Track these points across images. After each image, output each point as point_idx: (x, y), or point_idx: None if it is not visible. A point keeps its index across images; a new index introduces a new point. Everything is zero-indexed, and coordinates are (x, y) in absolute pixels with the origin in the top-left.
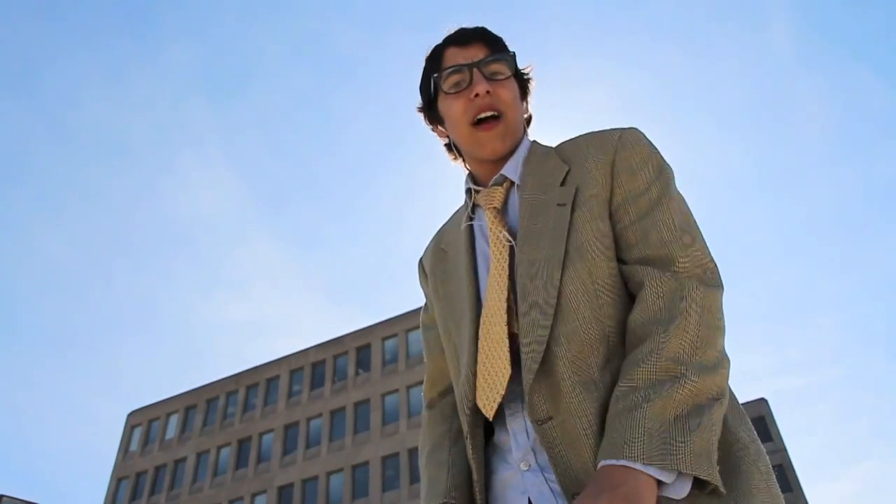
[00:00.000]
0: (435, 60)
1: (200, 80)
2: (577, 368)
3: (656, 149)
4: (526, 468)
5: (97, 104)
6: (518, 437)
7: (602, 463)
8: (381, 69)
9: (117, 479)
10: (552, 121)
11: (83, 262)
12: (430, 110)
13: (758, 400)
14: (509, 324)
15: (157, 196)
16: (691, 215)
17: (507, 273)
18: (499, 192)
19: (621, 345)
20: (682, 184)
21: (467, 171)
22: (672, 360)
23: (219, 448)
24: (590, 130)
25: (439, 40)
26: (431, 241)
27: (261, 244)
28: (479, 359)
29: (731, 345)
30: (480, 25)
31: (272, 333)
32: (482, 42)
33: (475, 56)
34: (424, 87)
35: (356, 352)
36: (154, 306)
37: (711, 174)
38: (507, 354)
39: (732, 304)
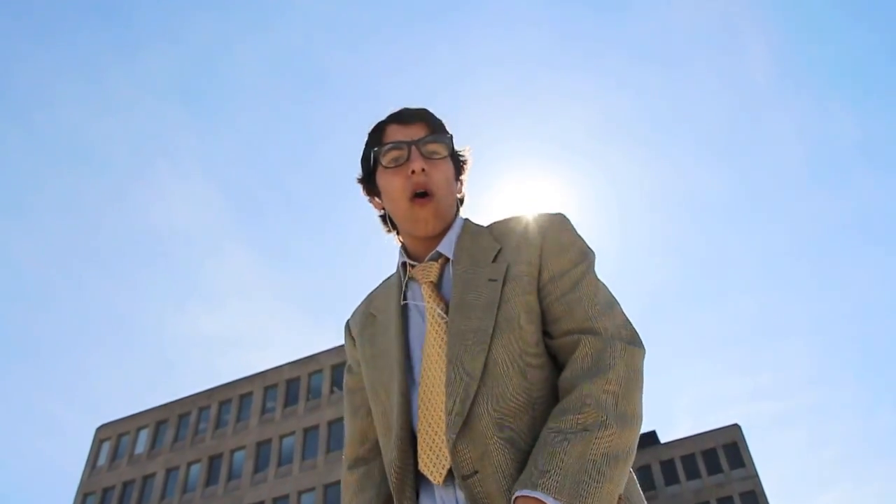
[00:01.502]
0: (376, 135)
1: (178, 88)
2: (501, 428)
3: (580, 235)
4: None
5: (69, 105)
6: (446, 501)
7: (517, 493)
8: (359, 83)
9: (83, 495)
10: (531, 135)
11: (51, 270)
12: (369, 182)
13: (731, 426)
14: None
15: (129, 204)
16: (611, 293)
17: (445, 347)
18: (434, 268)
19: (547, 411)
20: (656, 206)
21: (400, 244)
22: (595, 408)
23: (189, 464)
24: (521, 213)
25: (382, 117)
26: (361, 305)
27: (235, 256)
28: (419, 427)
29: (704, 369)
30: (423, 107)
31: (245, 348)
32: (423, 122)
33: (415, 135)
34: (364, 160)
35: (331, 370)
36: (125, 317)
37: (687, 196)
38: (444, 423)
39: (707, 328)
